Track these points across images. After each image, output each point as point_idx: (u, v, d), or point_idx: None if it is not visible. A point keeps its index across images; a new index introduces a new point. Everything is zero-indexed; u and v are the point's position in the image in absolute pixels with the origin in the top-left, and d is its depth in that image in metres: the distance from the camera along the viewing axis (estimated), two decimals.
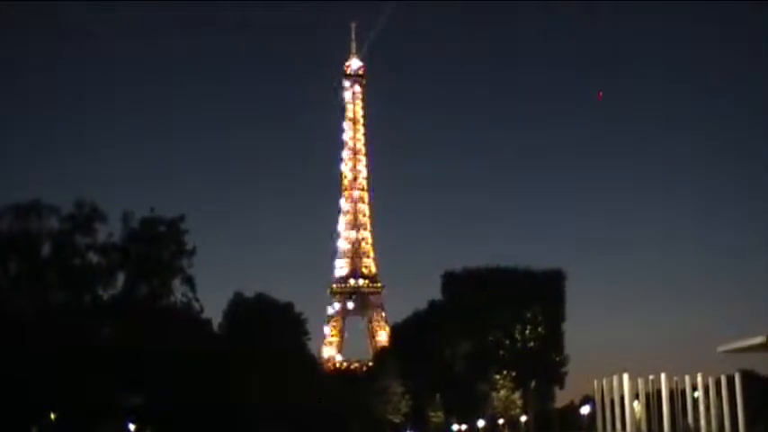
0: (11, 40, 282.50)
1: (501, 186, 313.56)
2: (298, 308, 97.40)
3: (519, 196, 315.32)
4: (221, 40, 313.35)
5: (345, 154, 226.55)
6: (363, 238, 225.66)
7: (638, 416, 49.22)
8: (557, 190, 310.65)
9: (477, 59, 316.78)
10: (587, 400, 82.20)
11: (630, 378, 47.54)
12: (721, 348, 40.03)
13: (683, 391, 45.78)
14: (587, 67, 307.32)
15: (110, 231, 63.09)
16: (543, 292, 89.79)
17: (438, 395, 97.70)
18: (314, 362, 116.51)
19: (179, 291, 65.12)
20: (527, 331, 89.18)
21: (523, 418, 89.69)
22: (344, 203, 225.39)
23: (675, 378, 46.50)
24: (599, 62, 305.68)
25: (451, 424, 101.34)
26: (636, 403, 49.14)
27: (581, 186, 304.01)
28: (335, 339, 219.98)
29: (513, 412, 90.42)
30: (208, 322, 77.05)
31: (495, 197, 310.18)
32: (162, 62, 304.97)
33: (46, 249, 61.87)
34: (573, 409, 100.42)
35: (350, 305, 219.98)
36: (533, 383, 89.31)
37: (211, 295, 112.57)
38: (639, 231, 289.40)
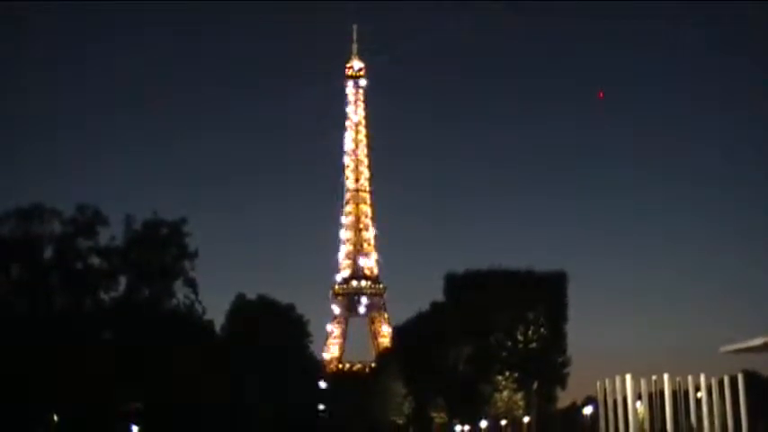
0: (11, 41, 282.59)
1: (502, 188, 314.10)
2: (300, 310, 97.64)
3: (520, 198, 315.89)
4: (221, 43, 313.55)
5: (347, 155, 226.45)
6: (365, 240, 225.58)
7: (640, 416, 49.12)
8: (558, 191, 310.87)
9: (477, 60, 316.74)
10: (590, 400, 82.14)
11: (633, 379, 47.39)
12: (724, 349, 39.96)
13: (686, 392, 45.64)
14: (588, 68, 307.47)
15: (112, 235, 63.25)
16: (545, 294, 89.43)
17: (441, 396, 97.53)
18: (316, 363, 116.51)
19: (181, 293, 65.29)
20: (529, 332, 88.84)
21: (526, 419, 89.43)
22: (346, 205, 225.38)
23: (678, 379, 46.38)
24: (599, 63, 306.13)
25: (455, 425, 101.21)
26: (639, 404, 49.04)
27: (582, 187, 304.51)
28: (338, 341, 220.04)
29: (515, 413, 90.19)
30: (210, 324, 77.09)
31: (495, 199, 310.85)
32: (162, 64, 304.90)
33: (48, 253, 61.96)
34: (575, 409, 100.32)
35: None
36: (536, 384, 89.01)
37: (214, 297, 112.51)
38: (641, 232, 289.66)
